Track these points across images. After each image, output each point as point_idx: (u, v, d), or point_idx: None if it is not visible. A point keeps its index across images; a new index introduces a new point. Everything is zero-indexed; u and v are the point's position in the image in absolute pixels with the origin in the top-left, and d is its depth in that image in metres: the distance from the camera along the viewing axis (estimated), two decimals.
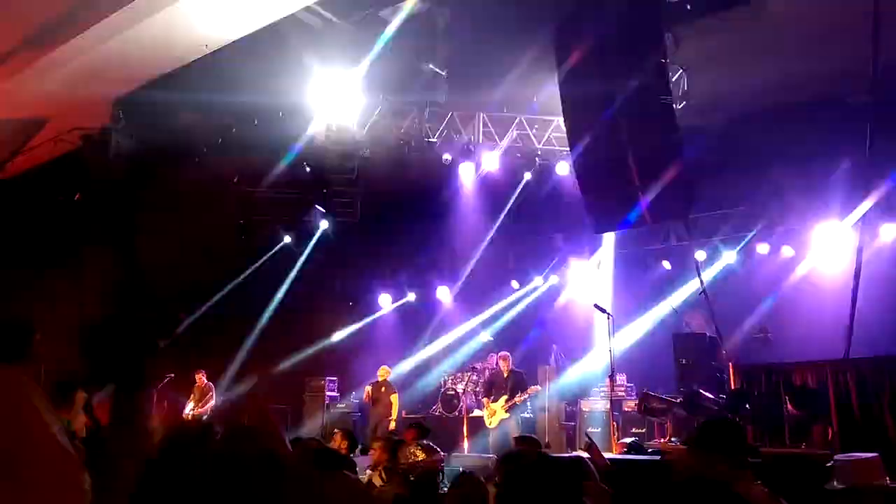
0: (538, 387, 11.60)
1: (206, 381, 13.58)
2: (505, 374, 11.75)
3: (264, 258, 13.94)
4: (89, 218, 11.21)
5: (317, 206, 11.98)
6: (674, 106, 8.27)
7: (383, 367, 13.35)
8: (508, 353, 12.05)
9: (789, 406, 8.49)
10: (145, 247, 12.72)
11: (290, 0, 8.07)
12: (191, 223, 11.99)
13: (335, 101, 10.56)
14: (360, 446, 7.83)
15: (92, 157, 10.53)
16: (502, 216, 13.70)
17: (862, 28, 7.28)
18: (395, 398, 12.94)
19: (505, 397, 11.42)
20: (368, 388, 13.09)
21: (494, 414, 11.48)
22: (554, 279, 15.28)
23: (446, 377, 14.91)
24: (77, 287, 11.96)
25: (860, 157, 9.38)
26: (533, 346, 14.93)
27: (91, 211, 11.24)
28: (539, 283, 15.43)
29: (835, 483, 4.11)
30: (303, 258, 14.29)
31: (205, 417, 13.15)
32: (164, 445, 2.15)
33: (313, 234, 13.24)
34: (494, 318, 15.67)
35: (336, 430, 7.51)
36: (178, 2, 8.04)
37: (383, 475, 5.76)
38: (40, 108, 10.15)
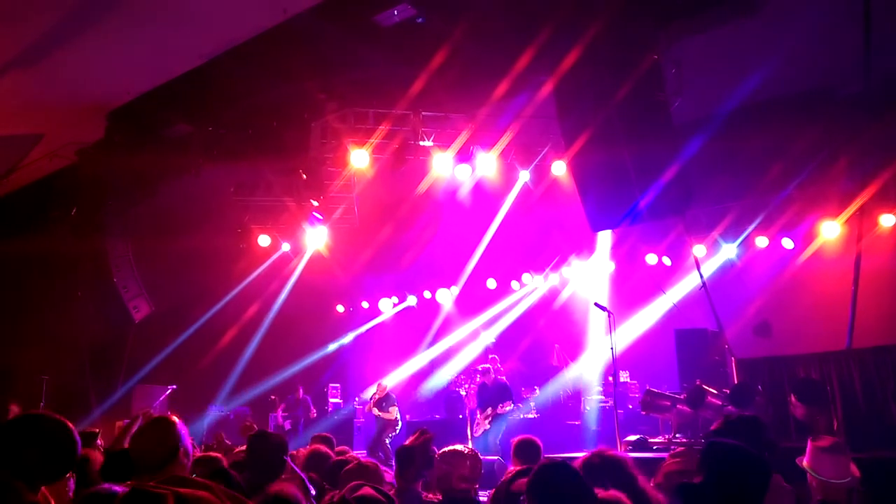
0: (510, 404, 11.55)
1: (302, 395, 14.51)
2: (489, 385, 11.78)
3: (263, 266, 13.93)
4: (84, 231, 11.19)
5: (315, 213, 11.96)
6: (669, 102, 8.26)
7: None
8: (489, 367, 12.05)
9: (793, 398, 8.49)
10: (144, 257, 12.73)
11: (282, 8, 8.05)
12: (188, 233, 11.97)
13: (329, 109, 10.60)
14: None
15: (87, 171, 10.50)
16: (500, 217, 13.70)
17: (855, 21, 7.28)
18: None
19: (490, 409, 11.48)
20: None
21: (479, 424, 11.59)
22: (554, 279, 15.28)
23: (449, 380, 14.95)
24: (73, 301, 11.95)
25: (857, 148, 9.41)
26: (535, 345, 14.95)
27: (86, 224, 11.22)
28: (539, 283, 15.43)
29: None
30: (302, 265, 14.27)
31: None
32: None
33: (312, 241, 13.22)
34: (496, 319, 15.68)
35: None
36: (171, 12, 8.04)
37: None
38: (35, 124, 10.12)
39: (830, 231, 11.03)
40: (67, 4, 7.77)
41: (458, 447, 5.05)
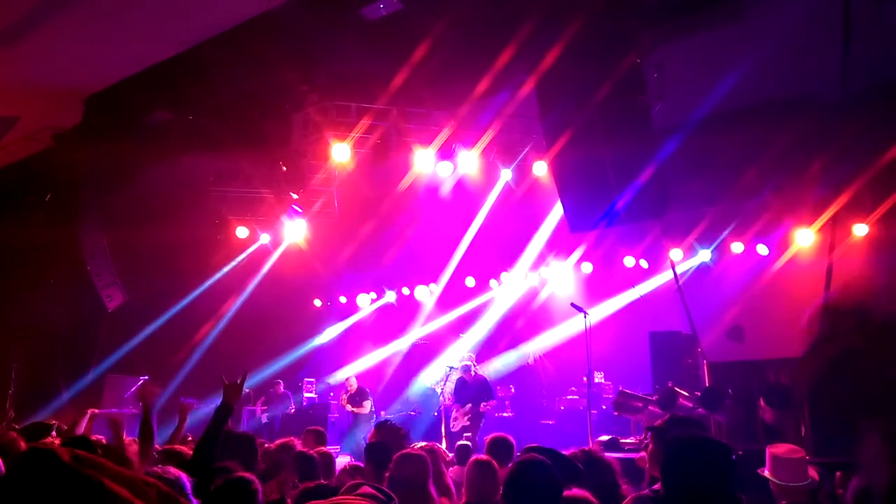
0: (493, 401, 11.64)
1: (283, 390, 14.48)
2: (468, 381, 11.79)
3: (240, 258, 13.83)
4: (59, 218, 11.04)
5: (294, 206, 11.89)
6: (650, 105, 8.31)
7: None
8: (469, 364, 12.07)
9: (763, 403, 8.58)
10: (119, 246, 12.58)
11: None
12: (165, 222, 11.85)
13: (311, 101, 10.54)
14: None
15: (63, 156, 10.36)
16: (481, 216, 13.72)
17: (835, 27, 7.37)
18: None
19: (470, 405, 11.49)
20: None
21: (457, 420, 11.59)
22: (533, 279, 15.32)
23: (426, 377, 14.92)
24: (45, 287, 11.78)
25: (831, 155, 9.53)
26: (512, 345, 14.98)
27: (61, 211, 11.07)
28: (518, 283, 15.45)
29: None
30: (275, 257, 14.19)
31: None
32: None
33: (290, 234, 13.14)
34: (473, 317, 15.67)
35: None
36: None
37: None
38: (11, 106, 9.96)
39: (804, 239, 11.17)
40: None
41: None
